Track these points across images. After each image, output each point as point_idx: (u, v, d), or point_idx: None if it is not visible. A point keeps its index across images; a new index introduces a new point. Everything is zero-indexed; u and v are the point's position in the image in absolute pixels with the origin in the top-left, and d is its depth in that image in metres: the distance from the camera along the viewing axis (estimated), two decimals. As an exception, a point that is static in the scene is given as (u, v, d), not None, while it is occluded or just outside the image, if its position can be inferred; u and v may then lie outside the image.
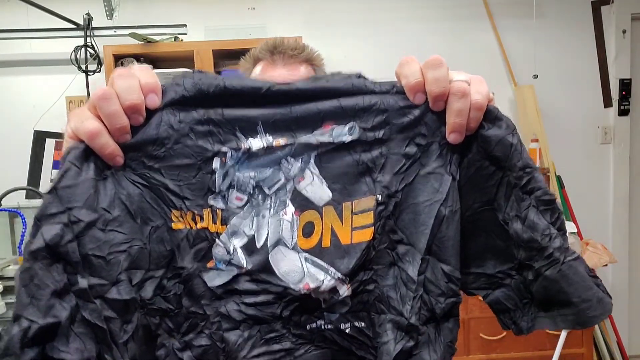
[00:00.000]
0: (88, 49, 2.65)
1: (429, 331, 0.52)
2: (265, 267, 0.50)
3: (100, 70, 2.68)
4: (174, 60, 2.75)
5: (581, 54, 3.01)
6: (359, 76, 0.55)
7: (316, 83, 0.52)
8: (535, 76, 2.94)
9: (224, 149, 0.49)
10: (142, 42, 2.65)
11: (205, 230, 0.49)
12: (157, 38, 2.70)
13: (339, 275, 0.50)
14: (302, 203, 0.51)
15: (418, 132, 0.52)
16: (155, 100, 0.46)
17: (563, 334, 2.28)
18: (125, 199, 0.47)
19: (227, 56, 2.75)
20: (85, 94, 2.69)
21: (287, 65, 0.96)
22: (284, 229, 0.50)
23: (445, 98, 0.50)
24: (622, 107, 3.02)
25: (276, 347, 0.51)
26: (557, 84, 3.00)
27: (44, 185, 2.80)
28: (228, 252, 0.49)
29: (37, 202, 2.39)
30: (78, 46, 2.64)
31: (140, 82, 0.46)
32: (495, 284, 0.53)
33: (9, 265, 2.21)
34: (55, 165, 2.85)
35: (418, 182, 0.51)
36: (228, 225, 0.49)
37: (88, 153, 0.46)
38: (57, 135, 2.88)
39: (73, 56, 2.63)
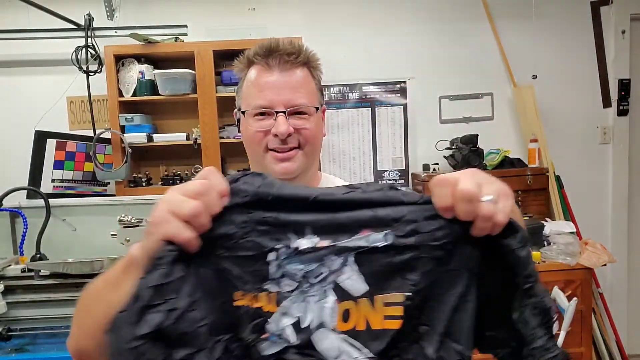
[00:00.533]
0: (89, 49, 2.66)
1: None
2: (309, 344, 0.60)
3: (101, 71, 2.69)
4: (175, 61, 2.76)
5: (580, 55, 3.02)
6: (391, 187, 0.63)
7: (354, 195, 0.62)
8: (535, 77, 2.95)
9: (278, 245, 0.60)
10: (143, 43, 2.66)
11: (261, 309, 0.61)
12: (157, 38, 2.71)
13: (370, 354, 0.60)
14: (342, 293, 0.61)
15: (444, 237, 0.60)
16: (225, 202, 0.59)
17: (562, 334, 2.29)
18: (202, 283, 0.59)
19: (227, 56, 2.75)
20: (86, 94, 2.70)
21: (283, 71, 0.92)
22: (326, 314, 0.61)
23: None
24: (621, 107, 3.03)
25: None
26: (556, 84, 3.01)
27: (45, 185, 2.81)
28: (279, 328, 0.61)
29: (38, 202, 2.41)
30: (79, 46, 2.65)
31: (216, 189, 0.57)
32: (505, 344, 0.64)
33: (10, 265, 2.21)
34: (56, 165, 2.86)
35: (441, 277, 0.61)
36: (280, 307, 0.61)
37: (176, 257, 0.57)
38: (58, 135, 2.89)
39: (74, 56, 2.64)
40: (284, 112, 0.91)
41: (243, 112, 0.95)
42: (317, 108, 0.97)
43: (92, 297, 0.68)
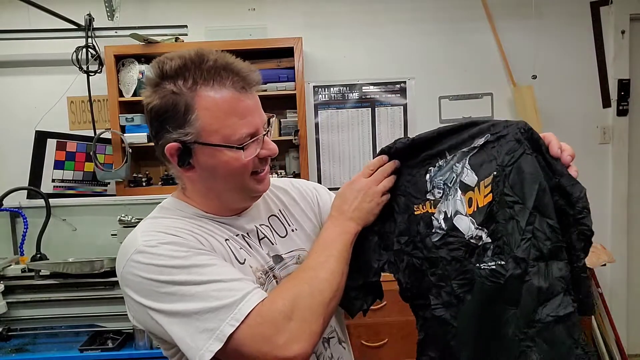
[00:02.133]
0: (89, 49, 2.66)
1: (539, 265, 0.78)
2: (454, 227, 0.87)
3: (101, 71, 2.69)
4: (175, 61, 2.76)
5: (580, 55, 3.02)
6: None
7: (464, 121, 0.92)
8: (534, 76, 2.95)
9: (430, 168, 0.94)
10: (143, 43, 2.66)
11: (427, 212, 0.92)
12: (157, 39, 2.71)
13: (478, 226, 0.84)
14: (465, 187, 0.87)
15: (523, 132, 0.85)
16: (396, 164, 1.00)
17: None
18: (401, 204, 0.96)
19: (227, 57, 2.76)
20: (87, 94, 2.70)
21: (249, 91, 0.85)
22: (458, 205, 0.88)
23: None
24: (620, 107, 3.03)
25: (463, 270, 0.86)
26: (556, 84, 3.01)
27: (45, 185, 2.82)
28: (438, 222, 0.90)
29: (38, 202, 2.41)
30: (79, 47, 2.65)
31: (385, 169, 0.99)
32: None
33: (10, 265, 2.22)
34: (56, 165, 2.86)
35: (523, 160, 0.81)
36: (436, 208, 0.91)
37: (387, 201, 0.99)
38: (58, 135, 2.89)
39: (74, 57, 2.64)
40: (267, 132, 0.88)
41: (236, 147, 0.83)
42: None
43: (340, 277, 0.86)
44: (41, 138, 2.86)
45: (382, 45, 2.99)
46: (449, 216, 0.88)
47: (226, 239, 0.90)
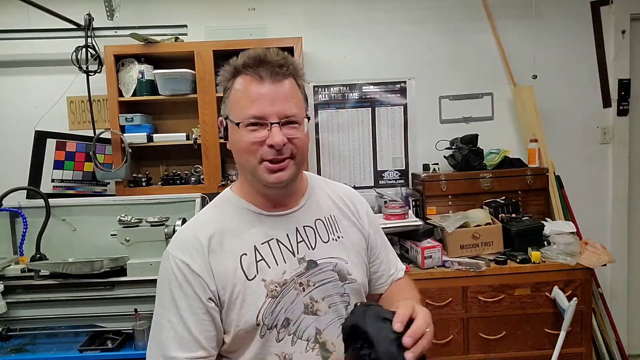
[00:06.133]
0: (89, 49, 2.65)
1: None
2: None
3: (100, 71, 2.69)
4: (175, 61, 2.76)
5: (580, 55, 3.02)
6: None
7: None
8: (535, 76, 2.95)
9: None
10: (143, 43, 2.66)
11: None
12: (157, 38, 2.70)
13: None
14: None
15: None
16: None
17: (562, 334, 2.29)
18: None
19: (227, 57, 2.72)
20: (86, 94, 2.70)
21: (274, 82, 0.93)
22: None
23: None
24: (621, 107, 3.03)
25: None
26: (556, 84, 3.01)
27: (45, 185, 2.81)
28: None
29: (38, 202, 2.40)
30: (79, 46, 2.65)
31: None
32: None
33: (10, 265, 2.21)
34: (56, 165, 2.86)
35: None
36: None
37: None
38: (58, 135, 2.89)
39: (74, 56, 2.63)
40: (278, 123, 0.93)
41: (236, 123, 0.94)
42: (308, 118, 0.99)
43: None
44: (41, 138, 2.85)
45: (382, 45, 2.99)
46: None
47: (243, 254, 0.96)
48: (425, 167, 2.88)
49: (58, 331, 2.07)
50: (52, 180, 2.86)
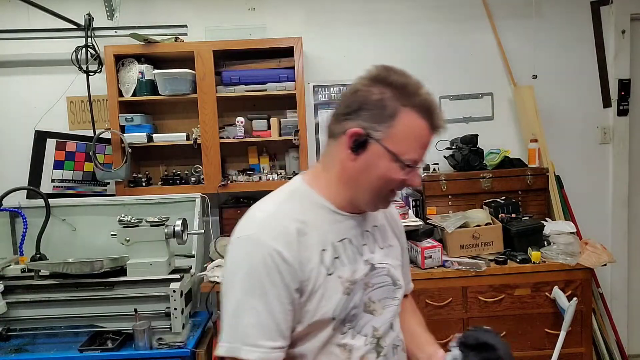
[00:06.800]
0: (89, 49, 2.66)
1: None
2: None
3: (100, 71, 2.69)
4: (175, 61, 2.76)
5: (580, 54, 3.02)
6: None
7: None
8: (535, 76, 2.95)
9: None
10: (143, 43, 2.66)
11: None
12: (157, 38, 2.70)
13: None
14: None
15: None
16: None
17: (562, 334, 2.29)
18: None
19: (227, 56, 2.75)
20: (86, 94, 2.70)
21: (432, 138, 1.01)
22: None
23: None
24: (621, 107, 3.03)
25: None
26: (556, 84, 3.01)
27: (45, 185, 2.81)
28: None
29: (38, 202, 2.41)
30: (79, 46, 2.65)
31: None
32: None
33: (10, 265, 2.22)
34: (56, 165, 2.86)
35: None
36: None
37: None
38: (58, 135, 2.89)
39: (74, 56, 2.64)
40: (419, 167, 1.01)
41: (396, 157, 0.96)
42: None
43: None
44: (41, 138, 2.85)
45: (382, 45, 2.99)
46: None
47: (323, 249, 0.99)
48: (425, 167, 2.88)
49: (58, 331, 2.07)
50: (52, 180, 2.86)
